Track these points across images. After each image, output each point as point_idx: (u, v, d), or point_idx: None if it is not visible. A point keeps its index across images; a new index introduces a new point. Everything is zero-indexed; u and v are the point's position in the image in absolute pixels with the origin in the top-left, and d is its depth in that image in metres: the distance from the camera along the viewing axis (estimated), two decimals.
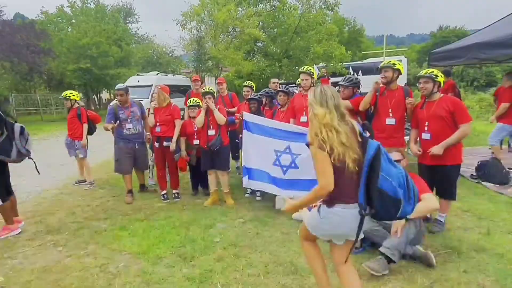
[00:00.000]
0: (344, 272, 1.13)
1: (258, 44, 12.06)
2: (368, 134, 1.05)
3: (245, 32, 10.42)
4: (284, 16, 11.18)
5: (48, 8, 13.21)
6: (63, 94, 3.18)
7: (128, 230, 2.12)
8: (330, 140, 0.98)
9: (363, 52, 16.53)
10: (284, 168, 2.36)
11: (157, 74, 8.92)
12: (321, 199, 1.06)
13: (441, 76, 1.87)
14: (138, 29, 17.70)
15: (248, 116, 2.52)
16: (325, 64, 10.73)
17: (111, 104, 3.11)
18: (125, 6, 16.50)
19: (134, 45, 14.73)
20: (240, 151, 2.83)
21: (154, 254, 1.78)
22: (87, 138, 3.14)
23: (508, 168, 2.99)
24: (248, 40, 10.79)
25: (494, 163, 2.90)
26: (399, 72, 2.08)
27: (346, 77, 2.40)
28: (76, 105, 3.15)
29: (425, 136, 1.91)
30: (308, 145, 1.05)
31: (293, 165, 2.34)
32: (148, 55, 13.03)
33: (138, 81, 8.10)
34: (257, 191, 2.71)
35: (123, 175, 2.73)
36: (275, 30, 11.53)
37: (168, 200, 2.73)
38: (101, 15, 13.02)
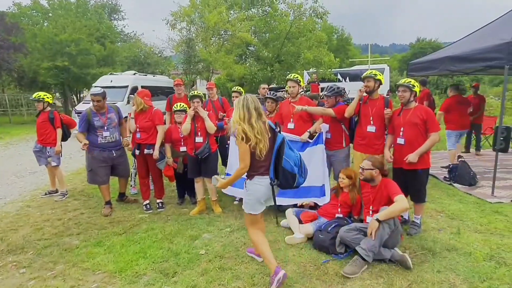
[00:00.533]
0: (261, 230, 1.60)
1: (250, 48, 12.20)
2: (278, 129, 1.52)
3: (237, 36, 10.50)
4: (276, 22, 11.46)
5: (22, 0, 12.19)
6: (35, 95, 2.90)
7: (104, 246, 1.98)
8: (248, 133, 1.41)
9: (350, 60, 17.42)
10: None
11: (135, 74, 8.13)
12: (247, 177, 1.51)
13: (417, 86, 2.04)
14: (124, 26, 16.91)
15: None
16: (315, 70, 11.16)
17: (76, 107, 2.86)
18: (110, 2, 15.75)
19: (119, 43, 14.04)
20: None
21: (133, 272, 1.68)
22: (61, 144, 2.91)
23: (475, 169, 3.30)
24: (240, 43, 10.89)
25: (463, 166, 3.17)
26: (380, 82, 2.22)
27: (328, 86, 2.43)
28: (48, 108, 2.91)
29: (400, 141, 2.05)
30: (230, 136, 1.50)
31: None
32: (135, 54, 12.47)
33: (111, 81, 7.29)
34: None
35: (98, 185, 2.54)
36: (267, 35, 11.79)
37: (151, 211, 2.60)
38: (83, 10, 12.32)
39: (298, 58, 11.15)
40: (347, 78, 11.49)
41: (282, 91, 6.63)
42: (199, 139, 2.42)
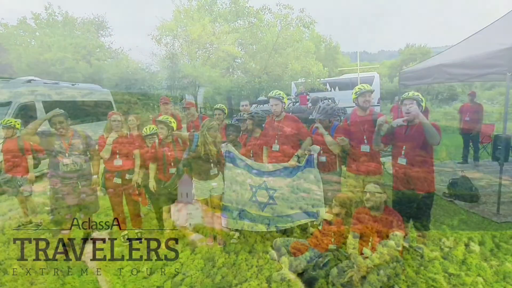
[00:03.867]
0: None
1: (237, 61, 12.16)
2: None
3: (221, 49, 10.40)
4: (262, 33, 11.58)
5: (8, 20, 12.31)
6: (4, 121, 2.72)
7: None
8: None
9: (339, 69, 17.73)
10: (262, 205, 2.29)
11: (30, 81, 4.64)
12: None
13: (424, 100, 1.92)
14: (112, 43, 17.11)
15: (231, 147, 2.37)
16: (303, 80, 10.97)
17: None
18: (96, 19, 16.15)
19: (107, 60, 14.14)
20: None
21: None
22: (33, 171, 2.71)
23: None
24: (225, 57, 10.79)
25: (465, 181, 3.09)
26: None
27: (319, 107, 2.24)
28: (17, 135, 2.75)
29: (401, 161, 1.91)
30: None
31: (271, 201, 2.28)
32: (122, 71, 12.46)
33: None
34: (236, 230, 2.46)
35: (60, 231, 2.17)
36: (254, 46, 11.81)
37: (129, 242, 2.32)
38: (70, 28, 12.49)
39: (285, 69, 11.21)
40: (337, 87, 11.19)
41: (263, 104, 6.02)
42: (172, 170, 2.26)
